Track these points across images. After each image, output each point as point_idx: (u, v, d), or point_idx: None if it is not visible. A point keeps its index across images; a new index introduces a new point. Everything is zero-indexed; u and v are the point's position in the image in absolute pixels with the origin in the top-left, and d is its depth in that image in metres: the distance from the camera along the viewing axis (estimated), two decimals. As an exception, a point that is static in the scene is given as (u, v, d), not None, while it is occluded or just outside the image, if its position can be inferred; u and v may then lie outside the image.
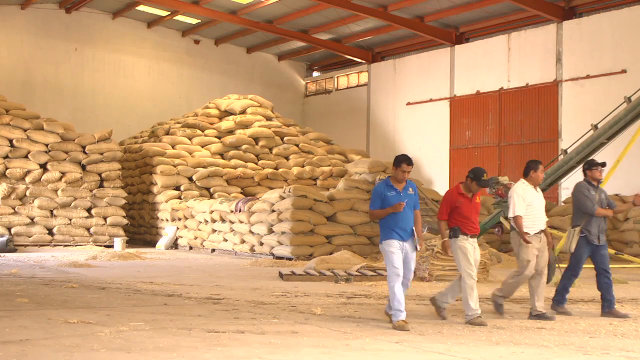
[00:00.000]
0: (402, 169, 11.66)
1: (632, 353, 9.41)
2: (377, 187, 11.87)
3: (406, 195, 11.63)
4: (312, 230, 24.52)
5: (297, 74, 48.13)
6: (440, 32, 37.65)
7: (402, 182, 11.74)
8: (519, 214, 12.45)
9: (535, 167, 12.75)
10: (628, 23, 30.32)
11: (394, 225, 11.49)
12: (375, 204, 11.72)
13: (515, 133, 34.56)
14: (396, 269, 11.29)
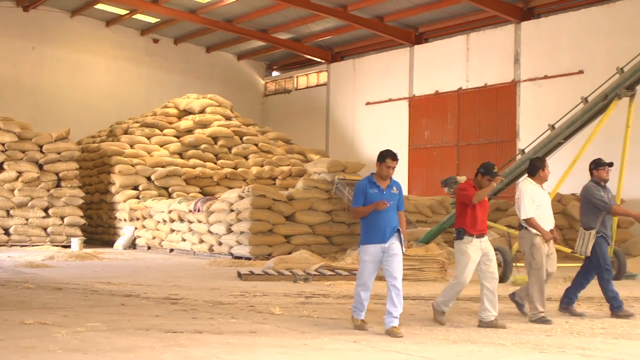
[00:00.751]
0: (386, 165, 11.00)
1: (587, 351, 9.49)
2: (360, 184, 11.15)
3: (390, 194, 10.96)
4: (271, 230, 24.48)
5: (256, 74, 48.06)
6: (399, 32, 37.77)
7: (387, 180, 11.06)
8: (531, 216, 12.06)
9: (542, 166, 12.43)
10: (585, 24, 30.59)
11: (375, 226, 10.82)
12: (358, 201, 11.04)
13: (473, 133, 34.76)
14: (365, 278, 10.88)
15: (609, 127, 19.80)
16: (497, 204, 27.80)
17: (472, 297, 15.24)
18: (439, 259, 18.76)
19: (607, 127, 19.45)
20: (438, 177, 32.84)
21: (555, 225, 12.40)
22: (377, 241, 10.80)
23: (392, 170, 11.02)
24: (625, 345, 9.99)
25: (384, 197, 10.84)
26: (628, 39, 27.84)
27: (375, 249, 10.80)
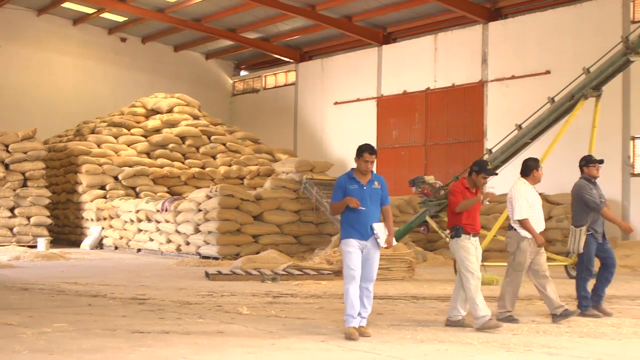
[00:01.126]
0: (364, 159, 10.65)
1: (553, 349, 9.56)
2: (339, 180, 10.86)
3: (371, 190, 10.70)
4: (239, 230, 24.46)
5: (224, 73, 47.94)
6: (368, 32, 37.80)
7: (367, 175, 10.75)
8: (526, 217, 11.89)
9: (536, 166, 12.30)
10: (552, 25, 30.76)
11: (354, 222, 10.61)
12: (336, 197, 10.79)
13: (441, 133, 34.85)
14: (352, 270, 10.51)
15: (575, 127, 19.95)
16: (465, 204, 27.84)
17: (440, 296, 15.31)
18: (406, 259, 18.82)
19: (573, 127, 19.59)
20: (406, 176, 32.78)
21: None
22: (359, 237, 10.60)
23: (370, 164, 10.72)
24: (590, 343, 10.07)
25: (364, 193, 10.61)
26: (594, 39, 28.02)
27: (357, 242, 10.61)
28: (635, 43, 17.35)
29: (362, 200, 10.59)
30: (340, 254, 19.13)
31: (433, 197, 21.30)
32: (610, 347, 9.83)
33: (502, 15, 33.19)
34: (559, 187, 28.02)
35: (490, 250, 24.14)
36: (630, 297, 15.72)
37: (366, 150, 10.71)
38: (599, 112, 18.89)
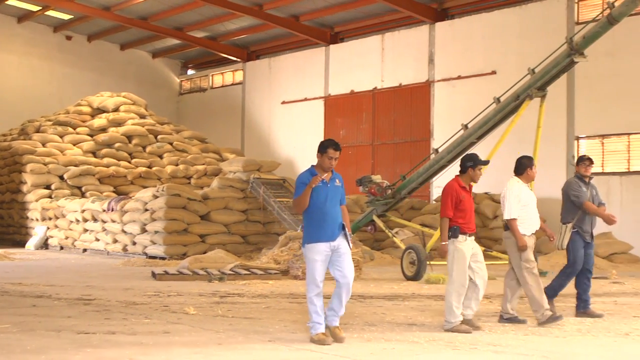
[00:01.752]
0: (328, 155, 10.05)
1: (499, 347, 9.63)
2: (301, 176, 10.23)
3: (333, 187, 10.12)
4: (186, 230, 24.36)
5: (171, 72, 47.74)
6: (315, 31, 37.85)
7: (329, 172, 10.17)
8: (515, 217, 11.65)
9: (530, 164, 12.09)
10: (498, 25, 31.02)
11: (323, 223, 9.98)
12: (297, 194, 10.17)
13: (388, 132, 35.00)
14: (317, 281, 9.98)
15: (520, 126, 20.13)
16: (412, 203, 28.06)
17: (387, 295, 15.36)
18: (353, 258, 18.78)
19: (518, 127, 19.77)
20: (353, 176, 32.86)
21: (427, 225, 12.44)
22: (325, 239, 9.96)
23: (334, 161, 10.11)
24: (535, 341, 10.16)
25: (327, 191, 10.05)
26: (540, 40, 28.31)
27: (323, 247, 9.96)
28: (580, 44, 17.54)
29: (325, 199, 10.03)
30: (287, 254, 19.20)
31: (380, 197, 21.38)
32: (555, 345, 9.93)
33: (449, 16, 33.43)
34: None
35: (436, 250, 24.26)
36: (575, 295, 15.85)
37: (330, 146, 10.14)
38: (544, 112, 19.08)
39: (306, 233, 10.21)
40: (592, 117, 28.02)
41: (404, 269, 19.02)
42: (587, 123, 28.17)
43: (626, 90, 27.15)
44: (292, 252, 19.21)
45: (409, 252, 19.03)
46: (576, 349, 9.68)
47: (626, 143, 27.31)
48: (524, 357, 9.07)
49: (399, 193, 21.52)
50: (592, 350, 9.62)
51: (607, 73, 27.46)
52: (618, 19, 16.66)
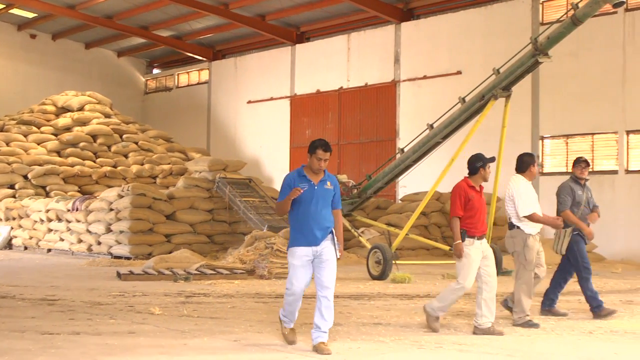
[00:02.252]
0: (317, 156, 9.59)
1: (464, 346, 9.68)
2: (288, 178, 9.78)
3: (322, 190, 9.63)
4: (151, 229, 24.25)
5: (137, 71, 47.55)
6: (281, 31, 37.84)
7: (319, 174, 9.69)
8: (533, 211, 11.51)
9: (533, 162, 11.92)
10: (464, 26, 31.17)
11: (304, 226, 9.51)
12: (282, 196, 9.67)
13: (354, 132, 35.06)
14: (292, 290, 9.54)
15: (485, 126, 20.22)
16: (377, 202, 28.09)
17: (352, 294, 15.38)
18: (319, 257, 18.83)
19: (483, 127, 19.84)
20: (319, 175, 32.98)
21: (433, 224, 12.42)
22: (307, 244, 9.47)
23: (323, 162, 9.63)
24: (500, 340, 10.22)
25: (314, 193, 9.53)
26: (505, 40, 28.48)
27: (305, 252, 9.48)
28: (544, 44, 17.64)
29: (312, 201, 9.52)
30: (253, 254, 19.19)
31: (346, 196, 21.40)
32: (520, 343, 10.00)
33: (415, 16, 33.54)
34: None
35: (402, 249, 24.36)
36: (540, 293, 15.95)
37: (320, 147, 9.65)
38: (509, 112, 19.17)
39: (290, 236, 9.77)
40: (556, 117, 28.22)
41: (370, 268, 19.05)
42: (552, 123, 28.37)
43: (590, 90, 27.37)
44: (257, 252, 19.19)
45: (374, 252, 19.07)
46: (540, 347, 9.75)
47: (590, 143, 27.52)
48: (489, 356, 9.12)
49: (365, 192, 21.57)
50: (556, 348, 9.69)
51: (571, 73, 27.67)
52: (582, 19, 16.77)
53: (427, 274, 20.27)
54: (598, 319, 12.04)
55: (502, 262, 20.05)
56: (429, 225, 27.05)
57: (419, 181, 27.21)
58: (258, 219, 24.43)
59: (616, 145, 26.81)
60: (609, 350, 9.60)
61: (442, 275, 19.40)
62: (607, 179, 26.71)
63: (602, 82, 27.15)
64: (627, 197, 25.94)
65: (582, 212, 12.45)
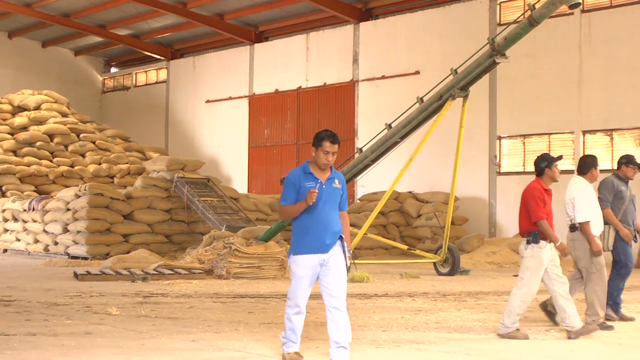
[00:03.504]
0: (323, 149, 8.55)
1: (422, 345, 9.72)
2: (291, 175, 8.66)
3: (330, 189, 8.57)
4: (109, 229, 24.10)
5: (94, 70, 47.22)
6: (240, 30, 37.77)
7: (326, 171, 8.64)
8: (588, 219, 11.05)
9: (595, 164, 11.48)
10: (422, 26, 31.30)
11: (311, 230, 8.44)
12: (287, 198, 8.62)
13: (313, 131, 34.71)
14: (296, 303, 8.59)
15: (443, 126, 20.35)
16: (336, 202, 28.09)
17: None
18: (278, 257, 18.86)
19: (441, 127, 19.98)
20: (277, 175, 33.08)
21: (391, 223, 12.36)
22: (314, 250, 8.42)
23: (331, 156, 8.57)
24: (458, 338, 10.27)
25: (323, 193, 8.48)
26: (462, 41, 28.63)
27: (311, 261, 8.44)
28: (501, 45, 17.77)
29: (320, 203, 8.44)
30: (211, 254, 19.13)
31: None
32: (477, 342, 10.06)
33: (373, 16, 33.63)
34: (428, 185, 28.62)
35: (360, 248, 24.43)
36: (497, 292, 16.11)
37: (326, 138, 8.63)
38: (467, 112, 19.31)
39: (293, 241, 8.63)
40: (513, 117, 28.43)
41: (329, 268, 19.04)
42: (509, 123, 28.57)
43: (547, 90, 27.61)
44: (216, 252, 19.15)
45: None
46: (497, 346, 9.82)
47: (547, 143, 27.75)
48: (446, 355, 9.17)
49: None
50: (512, 346, 9.76)
51: (528, 74, 27.90)
52: (539, 20, 16.92)
53: (385, 273, 20.33)
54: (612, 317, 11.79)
55: (459, 261, 20.19)
56: (388, 224, 27.16)
57: (377, 181, 27.29)
58: (216, 218, 24.36)
59: (572, 145, 27.06)
60: (564, 348, 9.69)
61: (400, 275, 19.46)
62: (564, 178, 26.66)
63: (559, 83, 27.40)
64: (583, 197, 26.13)
65: (626, 208, 11.99)
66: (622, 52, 26.23)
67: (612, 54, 26.43)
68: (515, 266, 23.38)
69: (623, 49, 26.23)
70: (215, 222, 24.13)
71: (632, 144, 25.86)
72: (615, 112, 26.12)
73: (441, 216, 25.38)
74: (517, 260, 23.94)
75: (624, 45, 26.21)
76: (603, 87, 26.51)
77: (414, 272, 19.86)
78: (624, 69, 26.13)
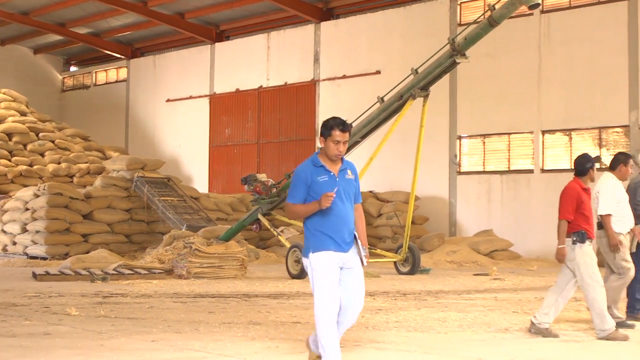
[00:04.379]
0: (333, 139, 7.60)
1: (382, 344, 9.73)
2: (301, 171, 7.75)
3: (344, 182, 7.73)
4: (68, 229, 23.96)
5: (53, 69, 46.86)
6: (200, 29, 37.66)
7: (337, 162, 7.76)
8: (609, 213, 10.97)
9: (625, 161, 11.30)
10: (382, 26, 31.38)
11: (329, 226, 7.58)
12: (295, 195, 7.71)
13: (273, 131, 35.05)
14: (331, 300, 7.50)
15: (404, 126, 20.42)
16: (297, 202, 28.13)
17: (272, 293, 15.37)
18: (239, 257, 18.82)
19: (402, 126, 20.04)
20: (238, 174, 33.01)
21: None
22: (335, 248, 7.59)
23: (342, 146, 7.66)
24: (418, 337, 10.29)
25: (336, 186, 7.64)
26: (423, 41, 28.73)
27: (335, 258, 7.57)
28: (461, 45, 17.87)
29: (336, 197, 7.58)
30: (171, 253, 19.05)
31: (265, 195, 21.39)
32: (437, 341, 10.08)
33: (334, 16, 33.66)
34: (389, 185, 28.70)
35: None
36: (457, 291, 16.19)
37: (336, 127, 7.66)
38: (427, 111, 19.37)
39: (310, 240, 7.71)
40: (473, 117, 28.58)
41: (289, 267, 19.09)
42: (469, 122, 28.72)
43: (507, 90, 27.78)
44: (176, 252, 19.09)
45: (294, 251, 19.11)
46: (457, 344, 9.85)
47: (506, 142, 27.92)
48: (406, 354, 9.18)
49: (284, 192, 21.57)
50: (472, 345, 9.79)
51: (488, 74, 28.05)
52: (499, 21, 17.03)
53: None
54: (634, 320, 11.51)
55: (419, 260, 20.26)
56: (349, 224, 27.18)
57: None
58: (177, 218, 24.30)
59: (532, 144, 27.25)
60: (523, 347, 9.74)
61: (363, 274, 19.48)
62: (523, 177, 27.13)
63: (519, 83, 27.58)
64: (543, 196, 26.35)
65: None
66: (581, 52, 26.44)
67: (571, 54, 26.63)
68: (474, 265, 23.54)
69: (582, 49, 26.44)
70: (176, 222, 24.07)
71: (590, 144, 26.08)
72: (574, 112, 26.33)
73: (402, 215, 25.47)
74: (477, 260, 24.11)
75: (583, 45, 26.42)
76: (562, 87, 26.72)
77: (375, 271, 19.90)
78: (582, 69, 26.34)
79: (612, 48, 25.78)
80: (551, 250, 26.20)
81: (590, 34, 26.32)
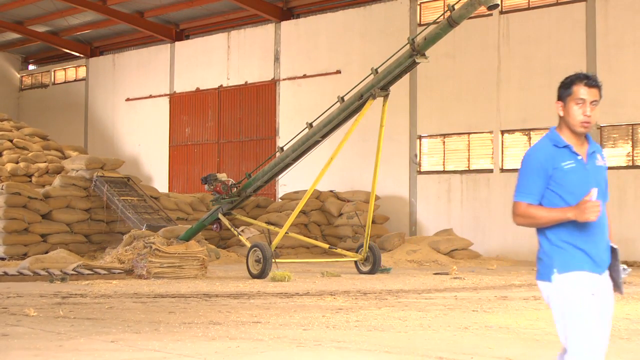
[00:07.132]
0: (576, 98, 5.21)
1: (342, 343, 9.73)
2: (537, 154, 5.24)
3: (594, 169, 5.24)
4: (27, 229, 23.78)
5: (11, 67, 46.44)
6: (160, 28, 37.51)
7: (583, 141, 5.28)
8: None
9: None
10: (343, 25, 31.44)
11: (580, 238, 5.10)
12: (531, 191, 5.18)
13: (234, 130, 34.99)
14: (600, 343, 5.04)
15: (364, 126, 20.50)
16: (257, 201, 28.14)
17: (232, 293, 15.34)
18: (199, 256, 18.78)
19: (362, 126, 20.13)
20: (198, 174, 32.95)
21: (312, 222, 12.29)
22: (592, 268, 5.10)
23: (591, 108, 5.19)
24: (378, 336, 10.31)
25: (589, 177, 5.18)
26: (382, 41, 28.84)
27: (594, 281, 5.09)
28: (421, 45, 17.94)
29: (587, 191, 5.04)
30: (131, 253, 18.95)
31: (225, 195, 21.35)
32: (397, 339, 10.11)
33: (294, 15, 33.67)
34: (349, 184, 28.76)
35: (282, 247, 24.44)
36: (417, 290, 16.24)
37: (578, 81, 5.22)
38: (387, 111, 19.43)
39: (554, 257, 5.16)
40: (433, 117, 28.71)
41: (250, 267, 19.06)
42: (429, 122, 28.85)
43: (466, 90, 27.95)
44: (136, 251, 19.00)
45: (254, 250, 19.07)
46: (417, 343, 9.88)
47: (466, 142, 28.07)
48: (366, 353, 9.19)
49: (245, 191, 21.55)
50: (433, 344, 9.83)
51: (447, 74, 28.20)
52: (458, 21, 17.12)
53: (306, 272, 20.38)
54: None
55: (380, 260, 20.32)
56: (309, 223, 27.22)
57: (298, 180, 27.35)
58: (137, 218, 24.18)
59: (491, 144, 27.42)
60: (483, 345, 9.79)
61: (322, 273, 19.52)
62: (483, 177, 27.30)
63: (478, 83, 27.75)
64: (502, 195, 26.52)
65: None
66: (539, 52, 26.65)
67: (530, 55, 26.84)
68: (435, 264, 23.65)
69: (540, 49, 26.65)
70: (136, 222, 23.96)
71: (549, 144, 26.24)
72: (532, 112, 26.53)
73: (362, 215, 25.53)
74: (437, 259, 24.23)
75: (541, 46, 26.63)
76: (521, 87, 26.92)
77: (335, 270, 19.96)
78: (540, 69, 26.54)
79: (570, 49, 26.01)
80: (510, 249, 26.47)
81: (548, 35, 26.53)
